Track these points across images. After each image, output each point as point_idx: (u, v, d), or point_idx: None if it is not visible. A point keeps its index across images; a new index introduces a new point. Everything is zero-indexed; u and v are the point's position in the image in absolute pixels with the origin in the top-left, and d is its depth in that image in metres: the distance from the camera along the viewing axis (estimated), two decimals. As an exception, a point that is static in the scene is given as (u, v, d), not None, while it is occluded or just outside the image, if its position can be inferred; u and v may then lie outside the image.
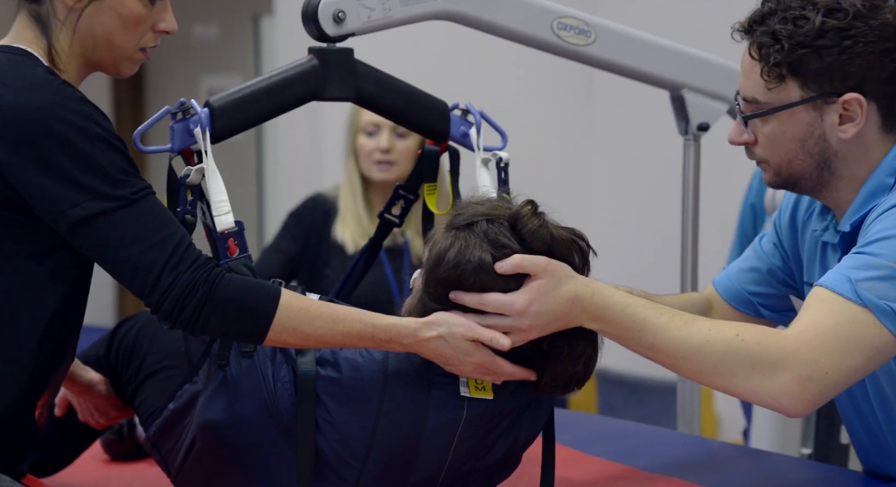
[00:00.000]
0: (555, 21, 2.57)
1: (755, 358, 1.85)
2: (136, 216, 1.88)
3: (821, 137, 2.02)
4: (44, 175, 1.86)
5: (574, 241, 1.99)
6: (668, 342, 1.89)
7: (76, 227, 1.87)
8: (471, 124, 2.32)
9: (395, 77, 2.27)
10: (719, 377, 1.88)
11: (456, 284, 1.93)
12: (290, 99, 2.20)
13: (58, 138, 1.85)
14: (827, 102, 2.00)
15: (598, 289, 1.93)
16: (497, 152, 2.30)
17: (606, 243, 5.58)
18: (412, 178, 2.39)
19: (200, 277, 1.88)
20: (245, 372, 2.01)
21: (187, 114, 2.08)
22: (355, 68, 2.23)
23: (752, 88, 2.03)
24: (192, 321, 1.88)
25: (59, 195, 1.86)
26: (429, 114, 2.29)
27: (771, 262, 2.25)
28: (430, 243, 1.99)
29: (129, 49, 2.01)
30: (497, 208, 1.99)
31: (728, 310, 2.28)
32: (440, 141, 2.33)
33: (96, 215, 1.86)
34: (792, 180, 2.08)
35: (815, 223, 2.15)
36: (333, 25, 2.23)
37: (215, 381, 2.03)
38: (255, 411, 1.99)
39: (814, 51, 1.98)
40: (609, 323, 1.92)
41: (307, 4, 2.24)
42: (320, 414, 1.97)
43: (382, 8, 2.29)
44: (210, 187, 2.02)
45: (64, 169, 1.85)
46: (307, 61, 2.22)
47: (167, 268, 1.87)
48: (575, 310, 1.92)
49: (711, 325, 1.90)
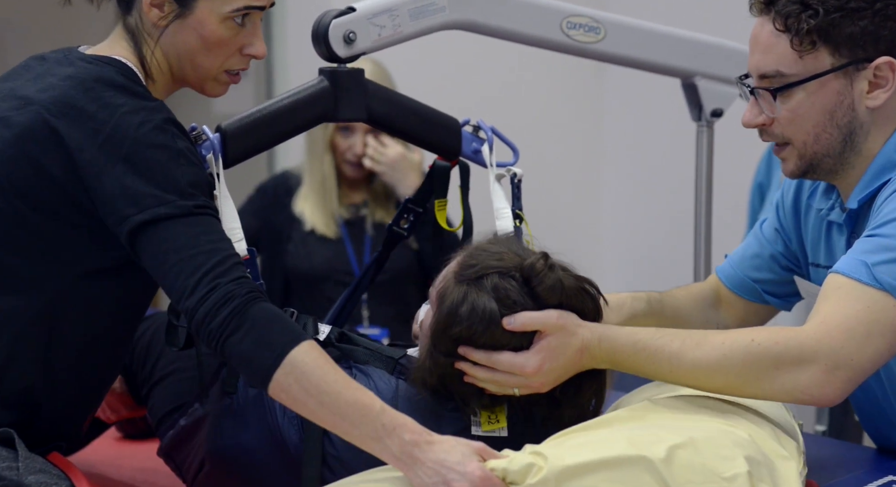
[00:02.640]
0: (564, 21, 2.57)
1: (777, 358, 1.85)
2: (193, 226, 1.89)
3: (850, 107, 2.00)
4: (121, 179, 1.88)
5: (585, 290, 1.98)
6: (687, 366, 1.89)
7: (136, 230, 1.89)
8: (482, 141, 2.32)
9: (405, 95, 2.28)
10: (747, 386, 1.88)
11: (466, 340, 1.92)
12: (302, 122, 2.21)
13: (142, 150, 1.88)
14: (858, 68, 1.98)
15: (605, 334, 1.93)
16: (511, 168, 2.30)
17: (619, 229, 5.62)
18: (421, 191, 2.39)
19: (239, 291, 1.85)
20: (252, 402, 2.02)
21: (199, 139, 2.08)
22: (366, 89, 2.23)
23: (777, 61, 2.00)
24: (219, 333, 1.84)
25: (129, 200, 1.88)
26: (440, 132, 2.29)
27: (773, 247, 2.24)
28: (441, 291, 1.98)
29: (212, 69, 2.03)
30: (509, 259, 1.96)
31: (733, 298, 2.29)
32: (451, 159, 2.33)
33: (156, 220, 1.88)
34: (815, 161, 2.04)
35: (820, 203, 2.14)
36: (344, 47, 2.23)
37: (223, 406, 2.05)
38: (262, 441, 2.00)
39: (847, 14, 1.95)
40: (622, 364, 1.93)
41: (317, 25, 2.24)
42: (327, 449, 1.97)
43: (392, 24, 2.29)
44: (223, 213, 2.02)
45: (140, 177, 1.88)
46: (318, 83, 2.22)
47: (209, 276, 1.85)
48: (585, 360, 1.93)
49: (724, 338, 1.90)
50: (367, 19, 2.26)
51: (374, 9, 2.27)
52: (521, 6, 2.50)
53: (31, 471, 1.90)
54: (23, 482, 1.87)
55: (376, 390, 1.97)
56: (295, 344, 1.82)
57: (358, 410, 1.80)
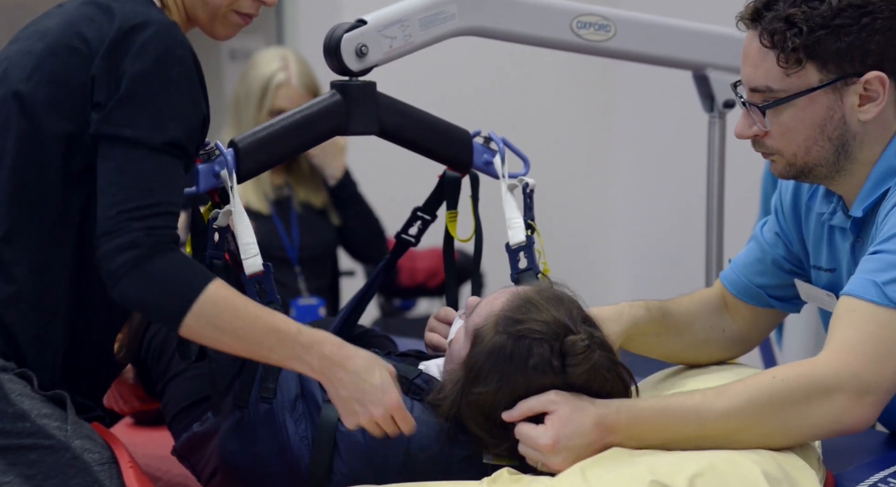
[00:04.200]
0: (574, 20, 2.57)
1: (805, 391, 1.83)
2: (149, 162, 1.88)
3: (840, 121, 1.98)
4: (111, 86, 1.89)
5: (619, 377, 1.96)
6: (714, 418, 1.84)
7: (99, 138, 1.89)
8: (493, 152, 2.32)
9: (416, 108, 2.29)
10: (783, 428, 1.85)
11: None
12: (315, 136, 2.22)
13: (144, 69, 1.89)
14: (847, 83, 1.96)
15: (621, 405, 1.89)
16: (523, 178, 2.30)
17: (630, 221, 5.61)
18: (430, 200, 2.38)
19: (146, 240, 1.84)
20: (262, 418, 2.03)
21: (212, 155, 2.09)
22: (378, 102, 2.24)
23: (765, 77, 1.98)
24: (115, 276, 1.84)
25: (109, 110, 1.89)
26: (451, 144, 2.30)
27: (774, 251, 2.21)
28: (479, 332, 1.97)
29: (221, 7, 2.03)
30: (555, 328, 1.93)
31: (739, 304, 2.26)
32: (463, 171, 2.33)
33: (120, 138, 1.88)
34: (807, 170, 2.03)
35: (821, 206, 2.11)
36: (356, 60, 2.23)
37: (233, 419, 2.07)
38: (273, 457, 2.02)
39: (832, 31, 1.93)
40: (647, 432, 1.87)
41: (329, 39, 2.24)
42: (337, 468, 1.97)
43: (403, 35, 2.29)
44: (237, 229, 2.03)
45: (130, 94, 1.88)
46: (330, 97, 2.23)
47: (127, 216, 1.85)
48: (603, 434, 1.86)
49: (741, 384, 1.86)
50: (378, 31, 2.26)
51: (385, 20, 2.28)
52: (530, 9, 2.51)
53: (79, 436, 1.93)
54: (70, 444, 1.91)
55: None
56: (203, 287, 1.85)
57: (274, 336, 1.87)
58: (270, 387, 2.02)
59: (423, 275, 4.63)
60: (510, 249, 2.23)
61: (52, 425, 1.92)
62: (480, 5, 2.42)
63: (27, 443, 1.90)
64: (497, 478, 1.86)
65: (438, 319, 2.23)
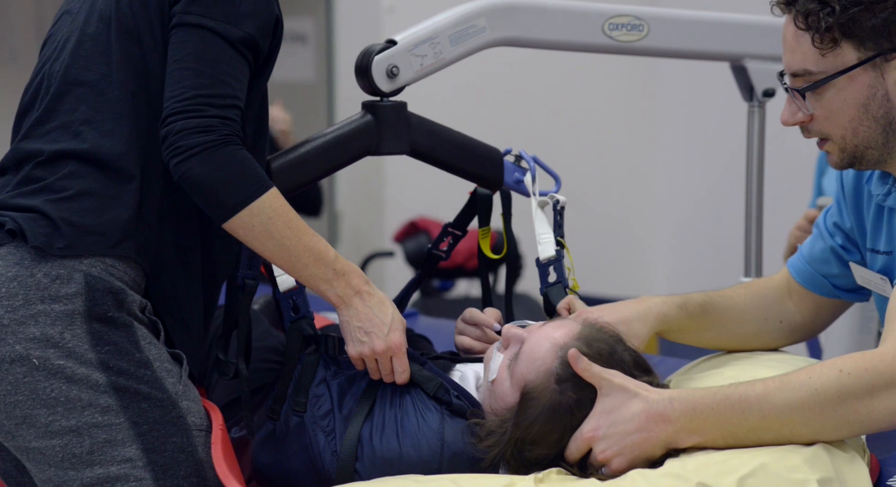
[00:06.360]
0: (605, 23, 2.57)
1: (870, 384, 1.79)
2: (225, 54, 1.95)
3: (884, 98, 1.96)
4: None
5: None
6: (778, 409, 1.80)
7: (176, 27, 1.96)
8: (524, 170, 2.34)
9: (447, 127, 2.31)
10: (844, 422, 1.81)
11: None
12: (346, 157, 2.25)
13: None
14: (887, 59, 1.94)
15: (674, 394, 1.85)
16: (553, 195, 2.31)
17: (671, 211, 5.60)
18: (461, 216, 2.39)
19: (221, 127, 1.91)
20: (293, 432, 2.07)
21: None
22: (409, 122, 2.26)
23: (802, 60, 1.97)
24: (187, 153, 1.91)
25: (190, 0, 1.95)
26: (482, 163, 2.32)
27: (834, 241, 2.19)
28: (529, 390, 1.95)
29: None
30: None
31: (804, 293, 2.24)
32: (494, 189, 2.35)
33: (200, 28, 1.95)
34: (858, 154, 2.01)
35: (876, 188, 2.09)
36: (387, 81, 2.27)
37: (265, 430, 2.12)
38: (305, 468, 2.05)
39: (866, 8, 1.91)
40: (705, 420, 1.82)
41: (360, 61, 2.28)
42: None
43: (433, 53, 2.32)
44: None
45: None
46: (361, 117, 2.26)
47: (203, 101, 1.92)
48: (654, 423, 1.83)
49: (806, 375, 1.82)
50: (409, 51, 2.29)
51: (415, 40, 2.31)
52: (561, 15, 2.51)
53: (187, 397, 2.00)
54: (179, 403, 1.98)
55: (426, 431, 2.01)
56: (267, 188, 1.93)
57: (314, 254, 1.97)
58: (301, 401, 2.08)
59: (462, 256, 4.53)
60: (540, 263, 2.26)
61: (169, 380, 1.99)
62: (510, 16, 2.43)
63: (143, 391, 1.95)
64: (545, 477, 1.87)
65: (465, 321, 2.25)
